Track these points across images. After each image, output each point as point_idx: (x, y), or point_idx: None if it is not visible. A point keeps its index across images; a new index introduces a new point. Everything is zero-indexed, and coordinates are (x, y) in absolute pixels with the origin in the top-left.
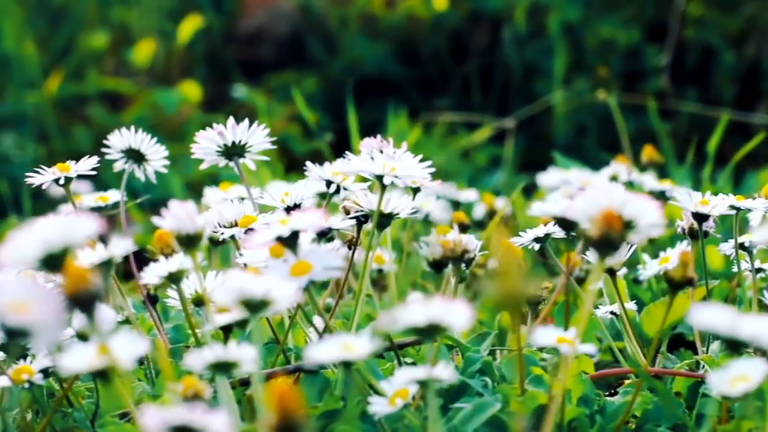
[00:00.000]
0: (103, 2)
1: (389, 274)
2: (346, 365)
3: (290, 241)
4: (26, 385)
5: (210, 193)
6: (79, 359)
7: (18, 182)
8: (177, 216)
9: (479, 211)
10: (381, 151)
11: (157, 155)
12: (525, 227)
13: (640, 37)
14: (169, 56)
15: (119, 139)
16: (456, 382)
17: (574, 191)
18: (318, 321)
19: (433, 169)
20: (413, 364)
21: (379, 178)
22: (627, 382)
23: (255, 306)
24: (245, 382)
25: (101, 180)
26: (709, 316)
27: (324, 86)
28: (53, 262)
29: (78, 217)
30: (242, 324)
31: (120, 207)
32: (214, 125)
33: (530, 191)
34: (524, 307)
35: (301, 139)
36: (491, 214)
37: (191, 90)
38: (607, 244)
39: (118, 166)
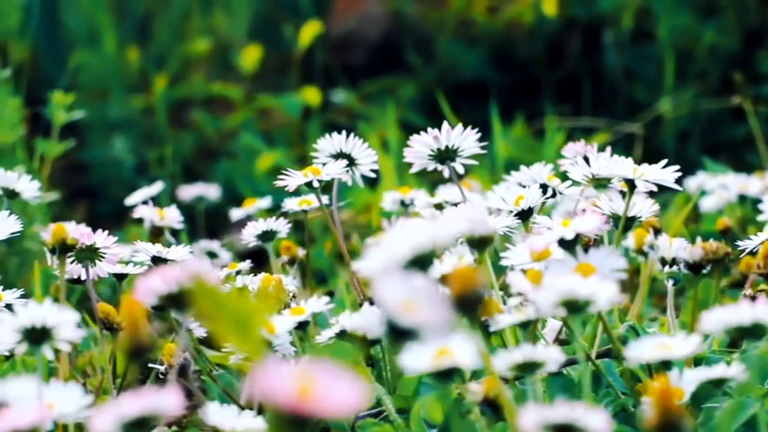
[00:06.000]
0: (189, 9)
1: None
2: (665, 365)
3: (571, 244)
4: None
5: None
6: (421, 359)
7: (133, 185)
8: (471, 219)
9: None
10: (586, 157)
11: (367, 159)
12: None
13: (739, 43)
14: (265, 61)
15: (329, 143)
16: None
17: (731, 196)
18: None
19: (680, 174)
20: None
21: (630, 182)
22: None
23: (579, 307)
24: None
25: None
26: None
27: (419, 91)
28: (420, 263)
29: (446, 219)
30: (524, 325)
31: (333, 209)
32: (429, 130)
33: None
34: None
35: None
36: None
37: (311, 95)
38: None
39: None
